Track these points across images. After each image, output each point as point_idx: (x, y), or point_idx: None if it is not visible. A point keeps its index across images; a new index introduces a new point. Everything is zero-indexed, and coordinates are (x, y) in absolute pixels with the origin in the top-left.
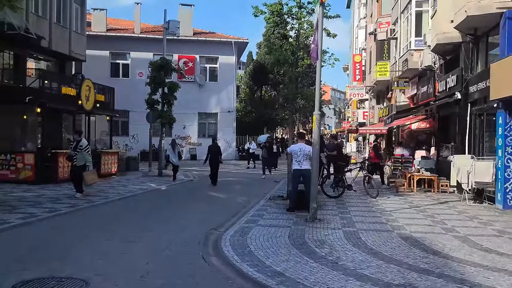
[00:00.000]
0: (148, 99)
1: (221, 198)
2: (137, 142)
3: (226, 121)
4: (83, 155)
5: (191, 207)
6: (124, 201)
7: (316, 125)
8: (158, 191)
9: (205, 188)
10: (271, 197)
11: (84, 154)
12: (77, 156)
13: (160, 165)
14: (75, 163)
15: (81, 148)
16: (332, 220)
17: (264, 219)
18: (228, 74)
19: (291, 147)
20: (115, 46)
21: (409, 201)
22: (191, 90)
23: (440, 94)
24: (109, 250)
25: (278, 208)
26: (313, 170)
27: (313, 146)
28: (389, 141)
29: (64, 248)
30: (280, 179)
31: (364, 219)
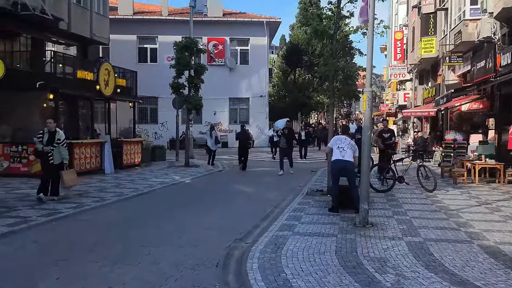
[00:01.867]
0: (173, 83)
1: (251, 193)
2: (167, 130)
3: (258, 106)
4: (60, 151)
5: (213, 208)
6: (137, 201)
7: (368, 105)
8: (181, 185)
9: (233, 181)
10: (308, 192)
11: (61, 150)
12: (53, 152)
13: (187, 154)
14: (51, 161)
15: (58, 142)
16: (388, 225)
17: (302, 224)
18: (260, 57)
19: (333, 138)
20: (143, 30)
21: (474, 195)
22: (221, 74)
23: (503, 69)
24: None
25: (318, 206)
26: (364, 162)
27: (364, 131)
28: (435, 125)
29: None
30: (317, 169)
31: (428, 222)
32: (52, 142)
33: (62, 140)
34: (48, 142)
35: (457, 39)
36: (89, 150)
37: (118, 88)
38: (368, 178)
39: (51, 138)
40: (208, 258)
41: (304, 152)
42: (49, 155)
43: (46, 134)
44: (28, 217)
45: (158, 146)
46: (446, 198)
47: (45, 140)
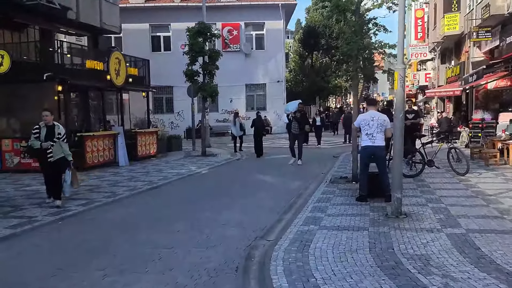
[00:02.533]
0: (187, 71)
1: (270, 183)
2: (183, 119)
3: (275, 92)
4: (61, 146)
5: (231, 201)
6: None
7: (399, 83)
8: (197, 176)
9: (252, 170)
10: (332, 179)
11: (62, 145)
12: (52, 148)
13: (203, 144)
14: (51, 158)
15: (59, 137)
16: (423, 215)
17: (329, 216)
18: (276, 41)
19: (360, 117)
20: (155, 18)
21: (510, 177)
22: (237, 60)
23: None
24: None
25: (344, 195)
26: (396, 146)
27: (396, 113)
28: (458, 104)
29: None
30: (339, 154)
31: (466, 210)
32: (52, 137)
33: (63, 135)
34: (46, 137)
35: (485, 13)
36: (101, 143)
37: (130, 78)
38: (400, 164)
39: (50, 133)
40: (227, 261)
41: (319, 139)
42: (48, 153)
43: (44, 129)
44: (34, 217)
45: (174, 136)
46: (480, 182)
47: (43, 136)
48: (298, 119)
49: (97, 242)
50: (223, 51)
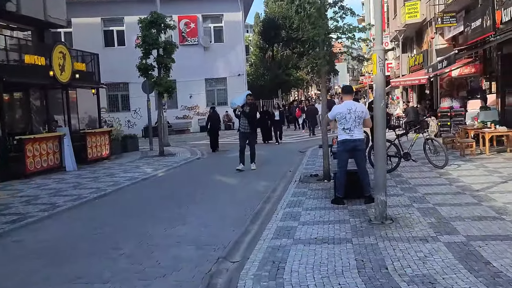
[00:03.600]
0: (140, 64)
1: (235, 185)
2: (140, 117)
3: (236, 86)
4: None
5: (189, 209)
6: (95, 206)
7: (379, 67)
8: (152, 180)
9: (213, 170)
10: (302, 178)
11: None
12: None
13: (160, 143)
14: None
15: None
16: (411, 218)
17: (304, 225)
18: (235, 33)
19: (335, 109)
20: (107, 11)
21: (491, 169)
22: (195, 54)
23: (505, 26)
24: None
25: (317, 197)
26: (379, 140)
27: (376, 102)
28: (422, 94)
29: None
30: (305, 149)
31: (458, 210)
32: None
33: None
34: None
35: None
36: (45, 146)
37: (76, 74)
38: (384, 161)
39: None
40: None
41: (279, 134)
42: None
43: None
44: None
45: (130, 136)
46: (462, 175)
47: None
48: (247, 115)
49: (16, 277)
50: (180, 44)
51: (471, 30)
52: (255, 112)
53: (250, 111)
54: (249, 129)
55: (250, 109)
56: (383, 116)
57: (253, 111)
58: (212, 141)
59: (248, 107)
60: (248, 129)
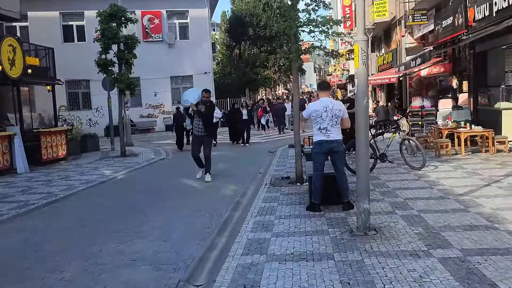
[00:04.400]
0: (99, 60)
1: (201, 189)
2: (102, 116)
3: (203, 84)
4: None
5: (148, 218)
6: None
7: (361, 60)
8: (111, 183)
9: (178, 172)
10: (273, 181)
11: None
12: None
13: (122, 142)
14: None
15: None
16: (396, 228)
17: (278, 237)
18: (201, 30)
19: (310, 107)
20: (66, 5)
21: (470, 170)
22: (160, 51)
23: (478, 24)
24: None
25: (291, 203)
26: (361, 142)
27: (359, 98)
28: (390, 93)
29: None
30: (275, 149)
31: (445, 218)
32: None
33: None
34: None
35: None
36: None
37: (29, 69)
38: (367, 164)
39: None
40: None
41: (246, 136)
42: None
43: None
44: None
45: (90, 135)
46: (441, 177)
47: None
48: (202, 115)
49: None
50: (144, 41)
51: (442, 29)
52: (211, 112)
53: (206, 110)
54: (203, 132)
55: (206, 108)
56: (366, 115)
57: (209, 111)
58: (178, 141)
59: (204, 106)
60: (202, 132)
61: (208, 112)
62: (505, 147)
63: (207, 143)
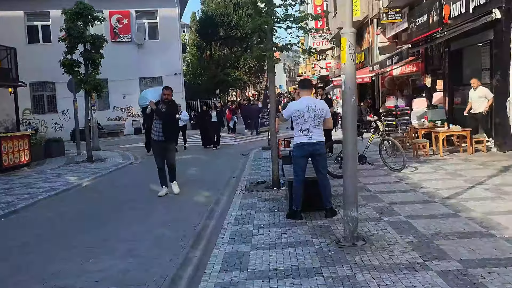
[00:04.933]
0: (64, 60)
1: (170, 197)
2: (69, 119)
3: (173, 86)
4: None
5: (114, 230)
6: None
7: (348, 54)
8: (75, 191)
9: (147, 177)
10: (248, 186)
11: None
12: None
13: (88, 147)
14: None
15: None
16: (386, 237)
17: (258, 250)
18: (171, 30)
19: (291, 107)
20: (31, 4)
21: (451, 171)
22: (128, 52)
23: (453, 21)
24: None
25: (269, 210)
26: (348, 142)
27: (346, 96)
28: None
29: None
30: (248, 151)
31: (436, 224)
32: None
33: None
34: None
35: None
36: None
37: None
38: (355, 168)
39: None
40: None
41: (216, 138)
42: None
43: None
44: None
45: (54, 139)
46: (423, 179)
47: None
48: (163, 115)
49: None
50: (112, 41)
51: (416, 27)
52: (173, 112)
53: (168, 110)
54: (164, 137)
55: (168, 107)
56: (354, 115)
57: (170, 110)
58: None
59: (165, 106)
60: (162, 136)
61: (169, 112)
62: (483, 147)
63: (170, 150)
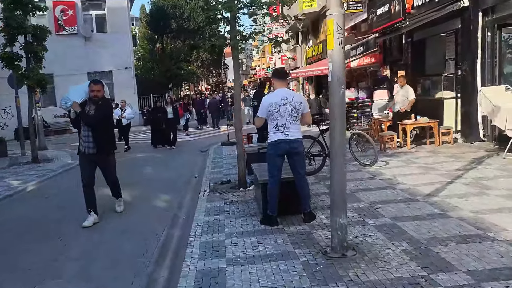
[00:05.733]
0: (3, 53)
1: (126, 202)
2: (12, 117)
3: (123, 80)
4: None
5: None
6: None
7: (336, 38)
8: (18, 197)
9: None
10: (212, 187)
11: None
12: None
13: (34, 146)
14: None
15: None
16: (377, 245)
17: (235, 265)
18: (120, 22)
19: (266, 101)
20: None
21: (423, 165)
22: (75, 45)
23: (416, 11)
24: None
25: (239, 214)
26: (336, 137)
27: (333, 87)
28: (318, 86)
29: None
30: (207, 147)
31: (429, 227)
32: None
33: None
34: None
35: None
36: None
37: None
38: (344, 169)
39: None
40: None
41: (173, 137)
42: None
43: None
44: None
45: None
46: (397, 174)
47: None
48: (89, 119)
49: None
50: (57, 34)
51: (377, 17)
52: (106, 114)
53: (98, 112)
54: (96, 149)
55: (98, 109)
56: (342, 109)
57: (101, 113)
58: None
59: (94, 106)
60: (93, 148)
61: (100, 116)
62: (450, 138)
63: (107, 164)
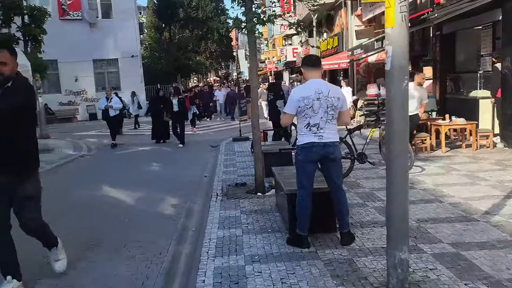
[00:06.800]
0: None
1: (127, 206)
2: None
3: (130, 69)
4: None
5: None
6: None
7: (399, 12)
8: None
9: (100, 175)
10: (225, 191)
11: None
12: None
13: None
14: None
15: None
16: (443, 284)
17: None
18: (126, 9)
19: (296, 94)
20: None
21: (468, 173)
22: (80, 31)
23: (447, 1)
24: None
25: (259, 227)
26: (396, 143)
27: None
28: (333, 80)
29: None
30: (218, 142)
31: (504, 259)
32: None
33: None
34: None
35: None
36: None
37: None
38: (406, 181)
39: None
40: None
41: (180, 133)
42: None
43: None
44: None
45: None
46: (439, 183)
47: None
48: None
49: None
50: (60, 19)
51: None
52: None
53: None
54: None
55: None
56: (405, 106)
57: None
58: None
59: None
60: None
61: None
62: (488, 142)
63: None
